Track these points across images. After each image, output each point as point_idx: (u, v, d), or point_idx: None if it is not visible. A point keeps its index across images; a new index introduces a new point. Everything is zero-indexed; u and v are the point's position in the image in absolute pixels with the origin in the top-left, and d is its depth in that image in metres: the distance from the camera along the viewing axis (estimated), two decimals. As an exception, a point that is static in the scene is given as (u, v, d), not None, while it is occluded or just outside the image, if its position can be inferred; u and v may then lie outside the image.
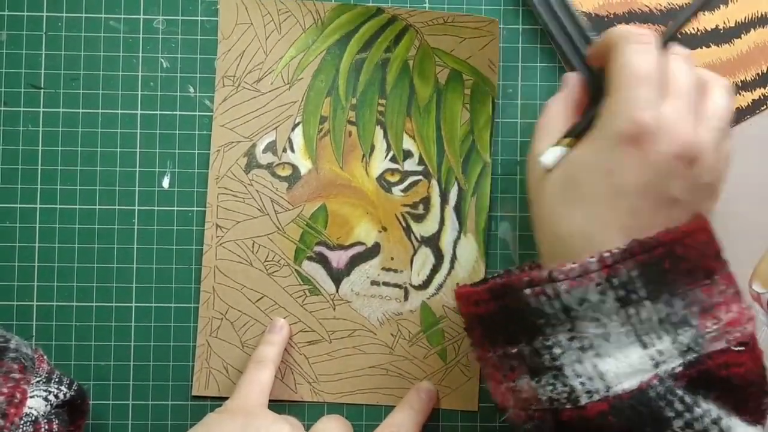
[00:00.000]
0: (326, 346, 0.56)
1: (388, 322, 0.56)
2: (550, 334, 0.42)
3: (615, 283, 0.41)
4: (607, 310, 0.41)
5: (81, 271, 0.55)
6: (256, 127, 0.56)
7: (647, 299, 0.41)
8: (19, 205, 0.55)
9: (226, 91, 0.56)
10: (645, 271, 0.41)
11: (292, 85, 0.56)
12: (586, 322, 0.41)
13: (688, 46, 0.56)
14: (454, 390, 0.56)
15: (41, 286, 0.55)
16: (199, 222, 0.56)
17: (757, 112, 0.57)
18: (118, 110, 0.56)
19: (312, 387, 0.56)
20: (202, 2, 0.56)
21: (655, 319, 0.41)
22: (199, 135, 0.56)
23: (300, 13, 0.56)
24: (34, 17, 0.56)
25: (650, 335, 0.41)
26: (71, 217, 0.56)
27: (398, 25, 0.56)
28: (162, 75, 0.56)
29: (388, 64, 0.56)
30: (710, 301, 0.42)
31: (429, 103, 0.56)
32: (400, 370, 0.56)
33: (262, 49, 0.56)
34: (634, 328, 0.41)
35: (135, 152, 0.56)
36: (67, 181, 0.56)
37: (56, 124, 0.56)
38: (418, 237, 0.56)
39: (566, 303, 0.41)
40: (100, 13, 0.56)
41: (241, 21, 0.56)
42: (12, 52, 0.56)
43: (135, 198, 0.56)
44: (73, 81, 0.56)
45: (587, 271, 0.41)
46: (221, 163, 0.56)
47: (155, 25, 0.56)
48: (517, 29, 0.57)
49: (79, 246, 0.56)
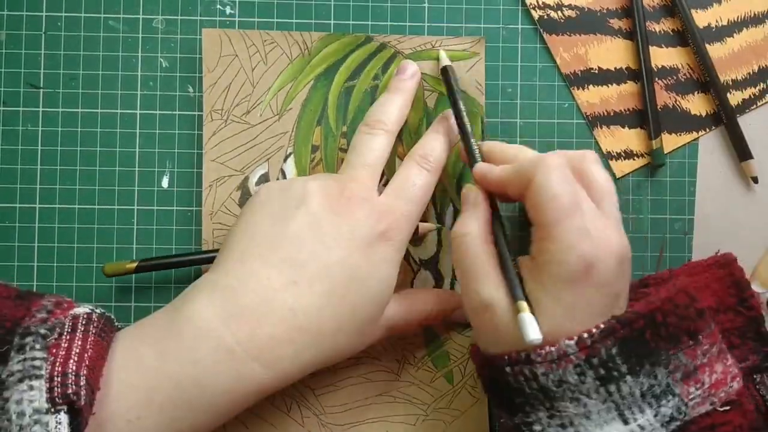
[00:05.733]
0: (331, 376, 0.55)
1: (392, 347, 0.55)
2: (530, 411, 0.42)
3: (594, 363, 0.40)
4: (586, 389, 0.40)
5: (80, 271, 0.55)
6: (248, 159, 0.55)
7: (628, 374, 0.40)
8: (18, 205, 0.55)
9: (215, 125, 0.55)
10: (625, 347, 0.40)
11: (281, 116, 0.56)
12: (566, 402, 0.41)
13: (682, 44, 0.57)
14: (463, 413, 0.55)
15: (41, 286, 0.55)
16: (199, 222, 0.56)
17: (747, 111, 0.58)
18: (118, 110, 0.56)
19: (319, 420, 0.55)
20: (201, 2, 0.57)
21: (637, 392, 0.40)
22: (198, 135, 0.56)
23: (286, 44, 0.56)
24: (33, 17, 0.56)
25: (632, 409, 0.40)
26: (70, 217, 0.55)
27: (386, 52, 0.56)
28: (161, 75, 0.56)
29: (377, 92, 0.56)
30: (693, 364, 0.41)
31: (419, 127, 0.56)
32: (407, 396, 0.55)
33: (249, 81, 0.55)
34: (615, 403, 0.40)
35: (134, 152, 0.56)
36: (66, 181, 0.55)
37: (55, 123, 0.56)
38: (417, 260, 0.56)
39: (544, 384, 0.41)
40: (99, 13, 0.56)
41: (225, 53, 0.55)
42: (11, 52, 0.56)
43: (134, 198, 0.56)
44: (72, 81, 0.56)
45: (565, 354, 0.40)
46: (214, 199, 0.55)
47: (154, 24, 0.56)
48: (516, 29, 0.57)
49: (78, 246, 0.55)
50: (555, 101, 0.57)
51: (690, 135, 0.57)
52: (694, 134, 0.57)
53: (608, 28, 0.57)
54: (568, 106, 0.57)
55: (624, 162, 0.57)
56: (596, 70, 0.57)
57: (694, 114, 0.57)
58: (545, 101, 0.57)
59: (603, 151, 0.57)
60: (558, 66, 0.57)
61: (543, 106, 0.57)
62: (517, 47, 0.57)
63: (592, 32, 0.57)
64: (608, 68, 0.57)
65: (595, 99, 0.57)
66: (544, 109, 0.57)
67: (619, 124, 0.57)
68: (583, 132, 0.57)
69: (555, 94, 0.57)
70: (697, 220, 0.57)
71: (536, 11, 0.57)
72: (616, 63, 0.57)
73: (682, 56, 0.57)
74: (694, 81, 0.57)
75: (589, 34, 0.57)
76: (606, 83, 0.57)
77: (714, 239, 0.57)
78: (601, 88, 0.57)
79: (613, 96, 0.57)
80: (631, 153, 0.57)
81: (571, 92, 0.57)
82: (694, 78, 0.57)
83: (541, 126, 0.57)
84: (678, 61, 0.57)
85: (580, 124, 0.57)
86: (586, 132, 0.57)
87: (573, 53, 0.57)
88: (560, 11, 0.57)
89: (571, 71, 0.57)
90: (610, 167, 0.57)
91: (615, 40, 0.57)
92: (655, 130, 0.56)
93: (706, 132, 0.57)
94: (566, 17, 0.57)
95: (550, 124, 0.57)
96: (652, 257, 0.57)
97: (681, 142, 0.57)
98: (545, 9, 0.57)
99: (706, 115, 0.57)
